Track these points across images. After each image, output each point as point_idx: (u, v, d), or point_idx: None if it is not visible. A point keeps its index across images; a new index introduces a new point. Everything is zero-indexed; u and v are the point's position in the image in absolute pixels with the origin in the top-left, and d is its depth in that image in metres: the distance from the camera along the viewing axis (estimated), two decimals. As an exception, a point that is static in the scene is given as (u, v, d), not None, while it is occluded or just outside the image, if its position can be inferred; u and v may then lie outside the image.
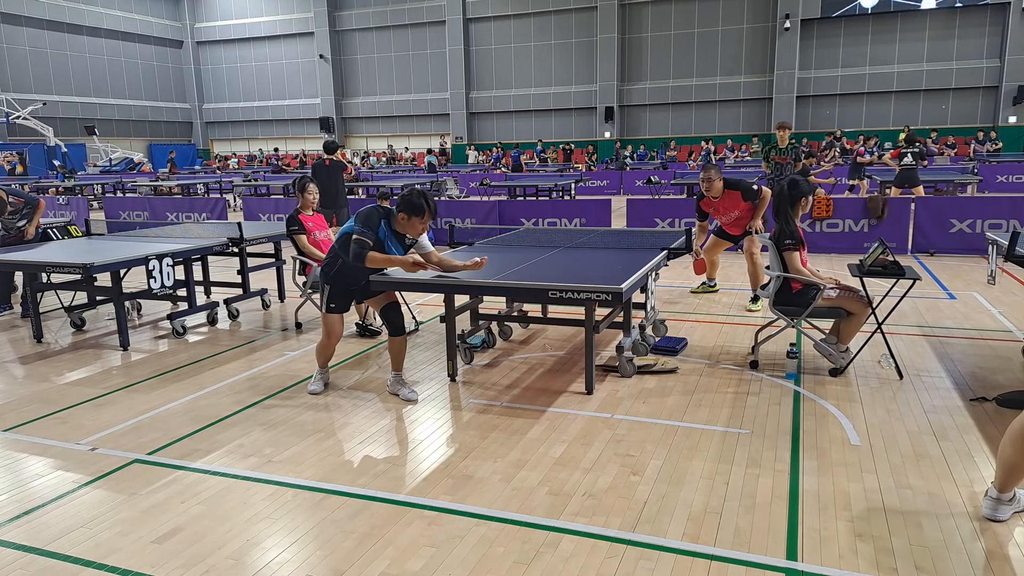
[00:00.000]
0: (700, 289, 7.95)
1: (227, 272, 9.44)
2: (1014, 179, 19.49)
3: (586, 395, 4.77)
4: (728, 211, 7.15)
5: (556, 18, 31.37)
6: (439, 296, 5.83)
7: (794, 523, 3.13)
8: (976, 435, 4.02)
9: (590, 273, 4.94)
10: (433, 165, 26.39)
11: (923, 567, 2.80)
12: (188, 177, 25.10)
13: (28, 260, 6.11)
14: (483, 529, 3.14)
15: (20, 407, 4.87)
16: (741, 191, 7.04)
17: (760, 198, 7.05)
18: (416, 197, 4.53)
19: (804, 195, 5.22)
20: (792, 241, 5.08)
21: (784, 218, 5.19)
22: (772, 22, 28.29)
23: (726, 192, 7.04)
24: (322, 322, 4.94)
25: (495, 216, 12.48)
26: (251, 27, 36.86)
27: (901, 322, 6.45)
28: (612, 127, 30.97)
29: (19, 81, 30.95)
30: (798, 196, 5.21)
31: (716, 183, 7.00)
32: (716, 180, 6.99)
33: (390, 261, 4.59)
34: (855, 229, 10.48)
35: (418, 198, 4.52)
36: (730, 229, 7.31)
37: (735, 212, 7.13)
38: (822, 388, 4.83)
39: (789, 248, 5.08)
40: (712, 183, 6.99)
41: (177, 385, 5.25)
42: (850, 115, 28.19)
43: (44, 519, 3.34)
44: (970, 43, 26.30)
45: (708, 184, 7.00)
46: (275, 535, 3.14)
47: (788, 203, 5.20)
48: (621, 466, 3.72)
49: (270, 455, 3.97)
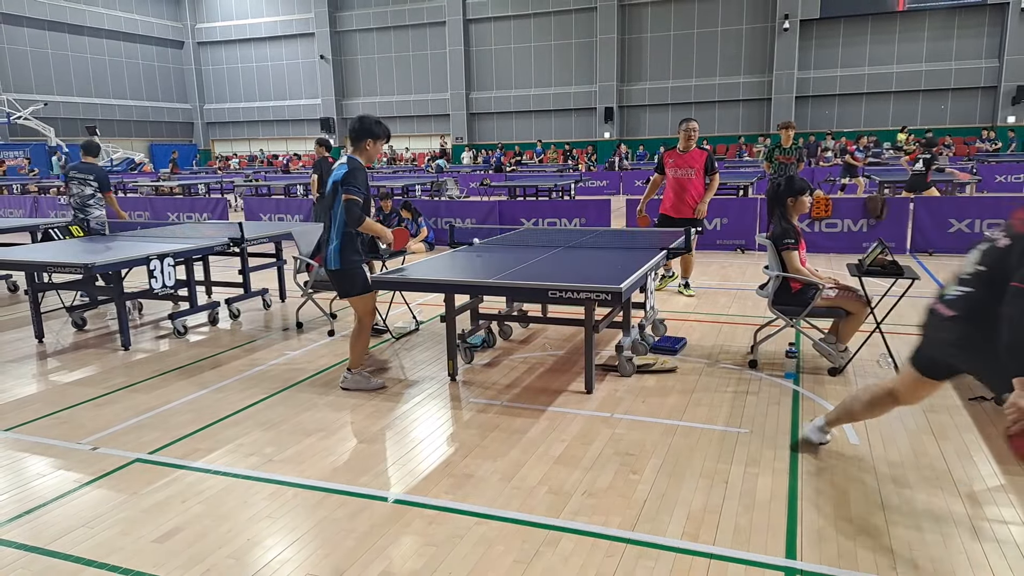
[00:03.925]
0: (661, 285, 8.07)
1: (228, 272, 9.45)
2: (1013, 179, 19.51)
3: (586, 394, 4.78)
4: (687, 166, 7.44)
5: (556, 19, 31.37)
6: (439, 296, 5.83)
7: (793, 522, 3.14)
8: (975, 435, 4.02)
9: (590, 273, 4.95)
10: (441, 168, 26.16)
11: (923, 567, 2.80)
12: (189, 177, 25.12)
13: (29, 260, 6.12)
14: (483, 528, 3.15)
15: (21, 407, 4.88)
16: (707, 155, 7.47)
17: (712, 177, 7.46)
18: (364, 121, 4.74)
19: (798, 193, 5.17)
20: (791, 240, 5.09)
21: (780, 217, 5.19)
22: (771, 22, 28.29)
23: (695, 149, 7.45)
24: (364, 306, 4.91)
25: (495, 216, 12.49)
26: (252, 28, 36.87)
27: (900, 322, 6.45)
28: (612, 127, 30.97)
29: (20, 81, 30.95)
30: (790, 194, 5.16)
31: (696, 136, 7.41)
32: (697, 134, 7.40)
33: (375, 229, 4.77)
34: (854, 229, 10.49)
35: (365, 121, 4.73)
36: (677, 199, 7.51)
37: (691, 170, 7.43)
38: (821, 388, 4.84)
39: (788, 247, 5.09)
40: (695, 132, 7.38)
41: (178, 385, 5.26)
42: (849, 115, 28.19)
43: (45, 519, 3.35)
44: (969, 43, 26.29)
45: (693, 133, 7.37)
46: (276, 534, 3.15)
47: (782, 201, 5.19)
48: (621, 465, 3.72)
49: (271, 454, 3.98)
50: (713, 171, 7.46)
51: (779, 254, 5.14)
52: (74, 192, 8.13)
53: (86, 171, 8.11)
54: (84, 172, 8.10)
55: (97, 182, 8.13)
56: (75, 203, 8.17)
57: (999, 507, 3.24)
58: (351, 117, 35.41)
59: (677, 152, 7.49)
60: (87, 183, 8.11)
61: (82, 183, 8.09)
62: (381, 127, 4.82)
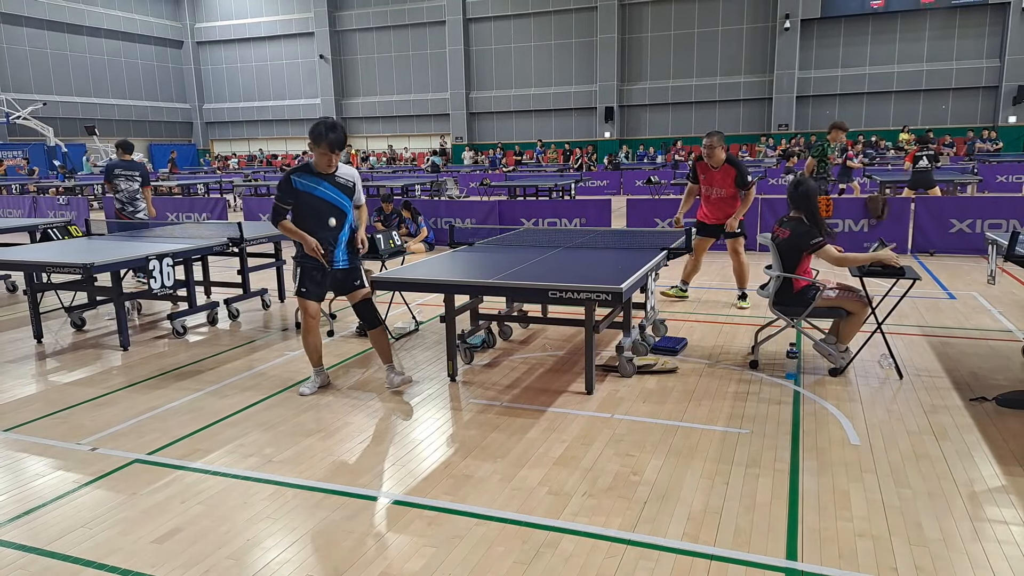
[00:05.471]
0: (671, 292, 7.73)
1: (227, 272, 9.44)
2: (1014, 179, 19.50)
3: (586, 395, 4.77)
4: (718, 185, 7.02)
5: (556, 18, 31.36)
6: (439, 296, 5.83)
7: (794, 523, 3.13)
8: (976, 435, 4.02)
9: (590, 273, 4.95)
10: (437, 165, 26.37)
11: (923, 567, 2.80)
12: (188, 177, 25.11)
13: (28, 260, 6.11)
14: (483, 529, 3.14)
15: (20, 407, 4.87)
16: (736, 171, 6.92)
17: (747, 192, 6.97)
18: (319, 125, 4.60)
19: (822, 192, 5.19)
20: (821, 238, 4.96)
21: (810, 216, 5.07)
22: (772, 22, 28.28)
23: (724, 165, 6.94)
24: (298, 305, 4.96)
25: (495, 216, 12.49)
26: (251, 27, 36.85)
27: (901, 322, 6.45)
28: (612, 127, 30.96)
29: (19, 81, 30.94)
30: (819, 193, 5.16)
31: (718, 151, 6.85)
32: (718, 148, 6.84)
33: (295, 234, 4.72)
34: (855, 229, 10.48)
35: (320, 126, 4.58)
36: (710, 211, 7.16)
37: (723, 190, 7.02)
38: (822, 388, 4.83)
39: (821, 244, 4.94)
40: (713, 150, 6.85)
41: (177, 385, 5.25)
42: (850, 115, 28.16)
43: (44, 519, 3.34)
44: (970, 43, 26.29)
45: (709, 151, 6.86)
46: (275, 535, 3.14)
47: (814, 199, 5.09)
48: (621, 466, 3.72)
49: (270, 455, 3.97)
50: (746, 186, 6.94)
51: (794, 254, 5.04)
52: (122, 188, 8.96)
53: (132, 168, 9.02)
54: (130, 169, 8.99)
55: (141, 177, 9.07)
56: (124, 197, 9.00)
57: (1000, 507, 3.23)
58: (351, 117, 35.65)
59: (707, 166, 7.03)
60: (134, 179, 8.98)
61: (129, 179, 8.96)
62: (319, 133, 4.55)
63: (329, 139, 4.57)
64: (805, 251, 5.04)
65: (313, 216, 4.73)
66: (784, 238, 5.14)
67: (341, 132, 4.65)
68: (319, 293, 4.91)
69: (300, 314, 4.95)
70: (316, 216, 4.73)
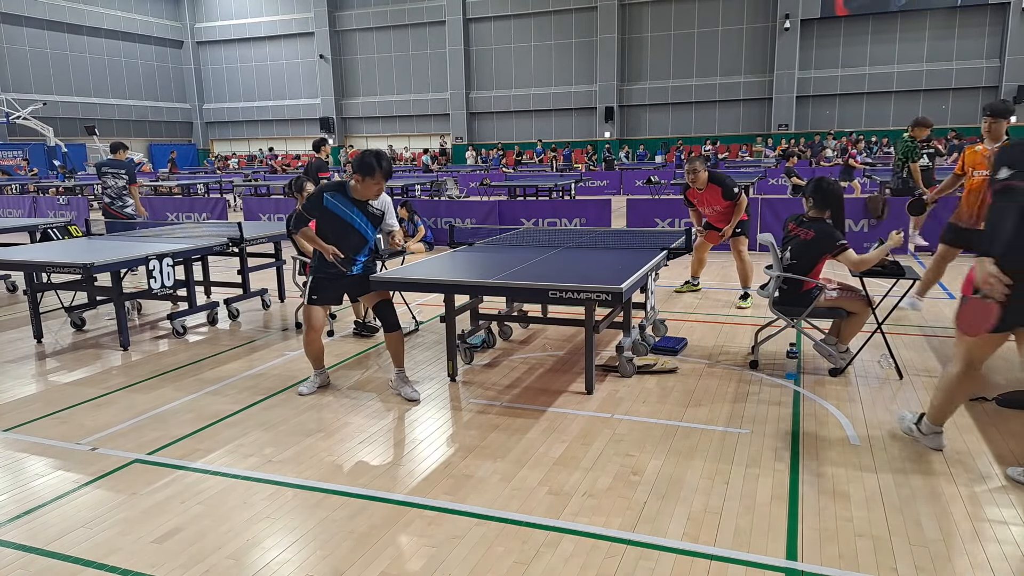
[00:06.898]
0: (684, 288, 8.10)
1: (227, 272, 9.44)
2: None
3: (586, 395, 4.77)
4: (710, 204, 7.36)
5: (556, 18, 31.38)
6: (439, 296, 5.83)
7: (794, 523, 3.13)
8: (976, 435, 4.02)
9: (590, 273, 4.94)
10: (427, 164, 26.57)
11: (923, 567, 2.80)
12: (188, 177, 25.11)
13: (28, 260, 6.11)
14: (483, 529, 3.14)
15: (20, 407, 4.87)
16: (722, 188, 7.20)
17: (738, 201, 7.24)
18: (368, 156, 4.58)
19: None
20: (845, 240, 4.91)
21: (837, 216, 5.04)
22: (772, 22, 28.31)
23: (709, 185, 7.23)
24: (303, 314, 4.96)
25: (495, 216, 12.49)
26: (251, 27, 36.87)
27: (901, 322, 6.45)
28: (612, 127, 30.98)
29: (19, 81, 30.95)
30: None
31: (701, 174, 7.19)
32: (701, 171, 7.19)
33: (314, 242, 4.73)
34: (855, 229, 10.48)
35: (369, 157, 4.57)
36: (715, 222, 7.51)
37: (716, 207, 7.34)
38: (822, 388, 4.83)
39: (846, 246, 4.87)
40: (697, 174, 7.19)
41: (177, 385, 5.25)
42: (850, 115, 28.21)
43: (44, 519, 3.34)
44: (970, 43, 26.31)
45: (694, 176, 7.20)
46: (275, 535, 3.14)
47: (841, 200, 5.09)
48: (621, 466, 3.72)
49: (270, 455, 3.97)
50: (733, 197, 7.19)
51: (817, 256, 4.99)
52: (109, 184, 9.57)
53: (118, 166, 9.63)
54: (116, 167, 9.61)
55: (128, 175, 9.63)
56: (112, 193, 9.58)
57: (999, 507, 3.23)
58: (351, 117, 35.66)
59: (695, 191, 7.33)
60: (119, 176, 9.57)
61: (115, 176, 9.57)
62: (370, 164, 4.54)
63: (383, 168, 4.57)
64: (828, 253, 4.93)
65: (335, 236, 4.72)
66: (807, 239, 5.01)
67: (388, 161, 4.67)
68: (333, 298, 4.93)
69: (304, 326, 4.96)
70: (337, 237, 4.72)
